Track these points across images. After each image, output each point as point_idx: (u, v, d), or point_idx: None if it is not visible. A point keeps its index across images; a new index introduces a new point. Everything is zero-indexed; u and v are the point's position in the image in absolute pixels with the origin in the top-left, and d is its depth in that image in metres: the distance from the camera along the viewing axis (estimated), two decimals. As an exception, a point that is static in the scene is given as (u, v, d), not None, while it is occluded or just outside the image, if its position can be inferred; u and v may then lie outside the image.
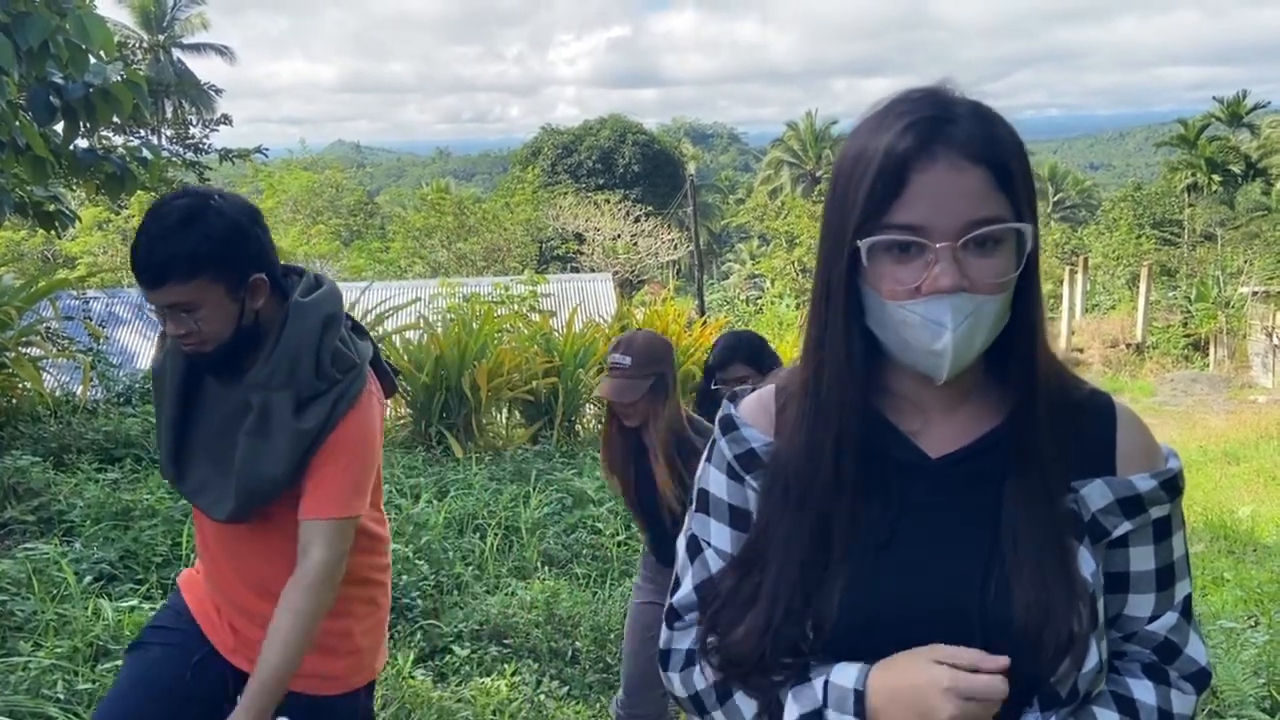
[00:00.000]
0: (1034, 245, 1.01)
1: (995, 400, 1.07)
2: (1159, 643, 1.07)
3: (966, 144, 0.97)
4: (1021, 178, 0.99)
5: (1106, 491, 1.03)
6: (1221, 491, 10.69)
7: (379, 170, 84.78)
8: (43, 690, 3.04)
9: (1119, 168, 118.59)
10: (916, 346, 0.99)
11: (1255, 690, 3.21)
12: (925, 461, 1.06)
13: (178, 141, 10.75)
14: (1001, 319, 1.00)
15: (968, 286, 0.96)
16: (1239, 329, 24.44)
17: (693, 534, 1.15)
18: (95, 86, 4.45)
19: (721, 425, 1.15)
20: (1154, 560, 1.07)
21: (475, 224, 27.48)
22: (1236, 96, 37.43)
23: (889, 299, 0.98)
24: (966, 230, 0.95)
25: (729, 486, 1.13)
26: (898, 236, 0.96)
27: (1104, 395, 1.10)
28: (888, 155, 0.97)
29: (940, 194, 0.95)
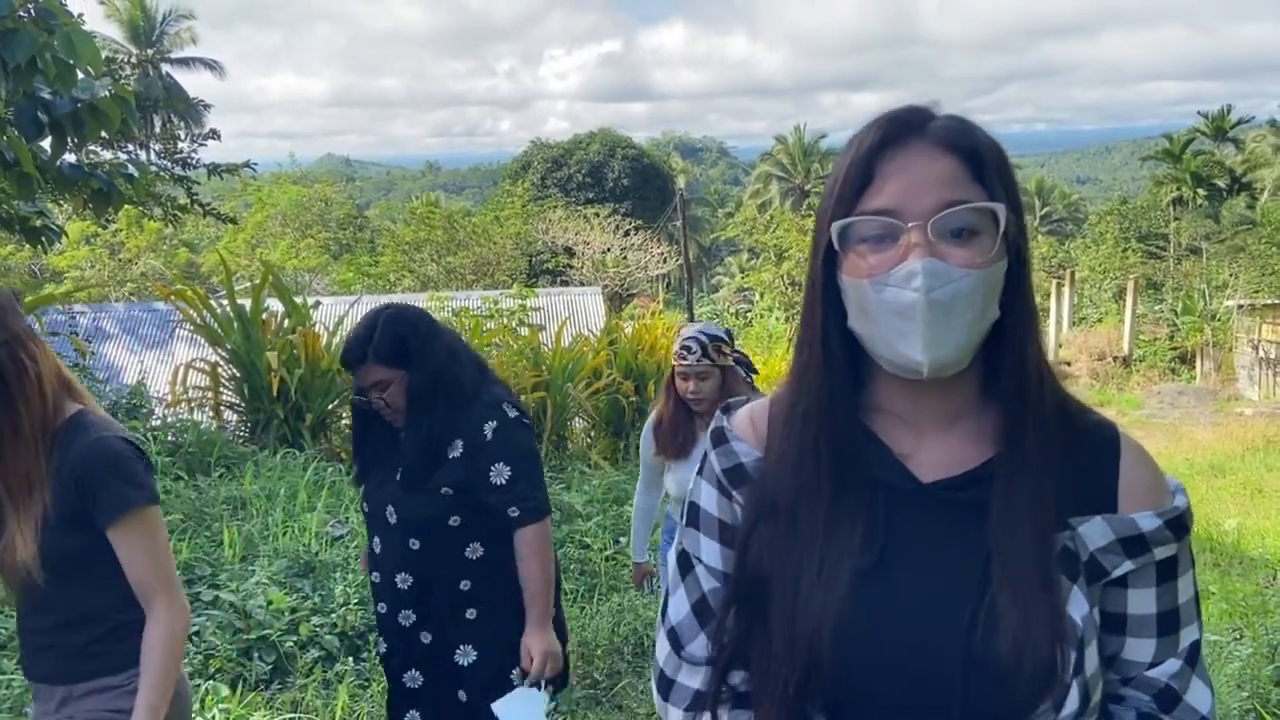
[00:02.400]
0: (1022, 239, 0.97)
1: (992, 425, 1.01)
2: (1159, 689, 1.01)
3: (939, 134, 0.96)
4: (998, 169, 0.97)
5: (1107, 530, 0.97)
6: (1208, 504, 10.73)
7: (368, 184, 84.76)
8: (26, 708, 3.02)
9: (1105, 182, 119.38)
10: (893, 327, 0.94)
11: (1239, 703, 3.22)
12: (916, 486, 1.01)
13: (166, 156, 10.72)
14: (986, 307, 0.95)
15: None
16: (1225, 342, 24.60)
17: (683, 549, 1.13)
18: (83, 102, 4.45)
19: (713, 438, 1.12)
20: (1155, 604, 1.00)
21: (465, 238, 27.47)
22: (1221, 111, 37.82)
23: (863, 278, 0.96)
24: (939, 209, 0.93)
25: (719, 502, 1.10)
26: (870, 218, 0.95)
27: (1110, 427, 1.04)
28: (859, 148, 0.97)
29: (911, 179, 0.94)
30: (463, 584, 2.31)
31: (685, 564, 1.12)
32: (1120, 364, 25.53)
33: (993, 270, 0.95)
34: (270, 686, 3.55)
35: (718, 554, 1.09)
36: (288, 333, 7.42)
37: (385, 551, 2.36)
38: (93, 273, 27.93)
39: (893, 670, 0.95)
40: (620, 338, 10.01)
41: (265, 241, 31.88)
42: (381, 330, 2.25)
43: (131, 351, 17.16)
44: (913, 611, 0.96)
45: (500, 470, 2.25)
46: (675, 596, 1.12)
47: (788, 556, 1.00)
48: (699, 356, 3.15)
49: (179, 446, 6.15)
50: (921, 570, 0.98)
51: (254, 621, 3.74)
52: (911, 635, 0.96)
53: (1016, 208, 0.97)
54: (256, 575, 4.13)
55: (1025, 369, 0.99)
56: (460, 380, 2.30)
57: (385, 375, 2.25)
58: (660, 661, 1.13)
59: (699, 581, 1.10)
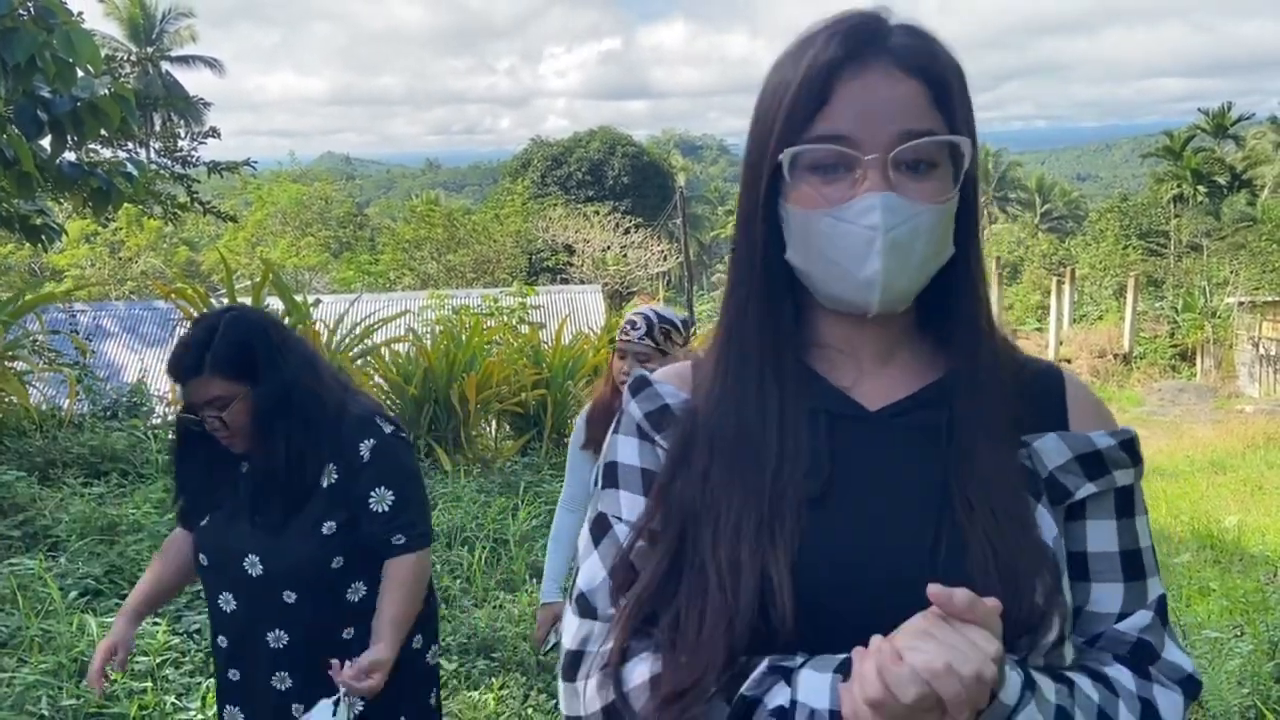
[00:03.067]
0: (972, 167, 0.90)
1: (929, 356, 0.96)
2: (1132, 644, 0.92)
3: (901, 54, 0.87)
4: (959, 95, 0.90)
5: (1062, 446, 0.92)
6: (1208, 501, 10.73)
7: (368, 182, 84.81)
8: (27, 706, 3.03)
9: (1106, 179, 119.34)
10: (844, 261, 0.88)
11: (1240, 700, 3.22)
12: (863, 414, 0.95)
13: (166, 154, 10.73)
14: (942, 244, 0.90)
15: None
16: (1225, 339, 24.61)
17: (599, 513, 0.99)
18: (83, 100, 4.45)
19: (632, 387, 1.03)
20: (1116, 540, 0.93)
21: (465, 236, 27.48)
22: (1221, 108, 37.82)
23: (813, 209, 0.88)
24: (899, 141, 0.85)
25: (640, 449, 0.99)
26: (824, 147, 0.86)
27: (1051, 363, 1.01)
28: (812, 64, 0.87)
29: (871, 103, 0.86)
30: (345, 632, 1.96)
31: (600, 528, 0.99)
32: (1121, 361, 25.55)
33: (950, 205, 0.90)
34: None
35: (640, 507, 0.97)
36: (288, 331, 7.42)
37: (246, 609, 1.95)
38: (93, 271, 27.94)
39: (852, 599, 0.87)
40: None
41: (265, 240, 31.90)
42: (223, 336, 1.88)
43: (132, 350, 17.17)
44: (871, 538, 0.89)
45: (382, 495, 1.92)
46: (588, 563, 0.98)
47: (728, 492, 0.91)
48: (641, 334, 2.77)
49: (179, 445, 6.15)
50: (876, 497, 0.91)
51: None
52: (871, 562, 0.88)
53: (971, 128, 0.91)
54: (257, 573, 4.14)
55: (976, 291, 0.95)
56: (320, 395, 1.94)
57: (225, 390, 1.87)
58: (568, 640, 0.97)
59: (617, 540, 0.96)
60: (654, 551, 0.93)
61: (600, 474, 1.02)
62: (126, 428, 6.25)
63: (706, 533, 0.90)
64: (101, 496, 5.06)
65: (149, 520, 4.59)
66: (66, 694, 3.13)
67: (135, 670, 3.30)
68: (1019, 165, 63.98)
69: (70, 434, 6.01)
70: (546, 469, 7.07)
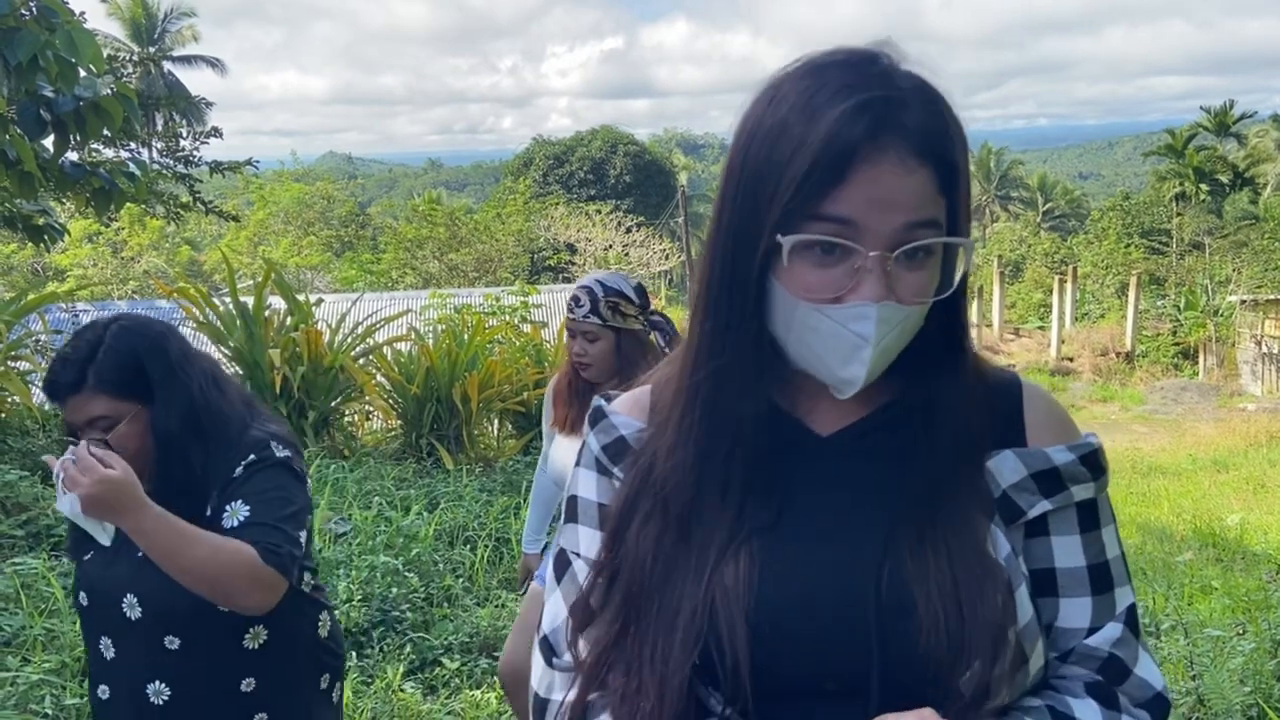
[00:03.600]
0: (967, 265, 0.89)
1: (885, 381, 0.93)
2: (1103, 660, 0.91)
3: (916, 136, 0.84)
4: (964, 175, 0.88)
5: (1017, 464, 0.91)
6: (1211, 499, 10.74)
7: (370, 182, 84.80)
8: (31, 705, 3.03)
9: (1108, 177, 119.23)
10: (827, 358, 0.87)
11: (1242, 699, 3.22)
12: (815, 439, 0.94)
13: (168, 154, 10.74)
14: (917, 327, 0.89)
15: (893, 299, 0.84)
16: (1228, 337, 24.60)
17: (560, 549, 1.00)
18: (85, 100, 4.46)
19: (590, 419, 1.02)
20: (1083, 555, 0.92)
21: (467, 235, 27.49)
22: (1224, 106, 37.79)
23: (804, 299, 0.86)
24: (902, 238, 0.83)
25: (598, 484, 0.99)
26: (828, 237, 0.83)
27: (1010, 373, 0.99)
28: (832, 140, 0.82)
29: (882, 194, 0.83)
30: (244, 684, 1.74)
31: (561, 564, 0.99)
32: (1123, 360, 25.54)
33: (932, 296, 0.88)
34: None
35: (597, 543, 0.96)
36: (290, 330, 7.43)
37: (123, 656, 1.71)
38: (95, 271, 27.98)
39: (801, 624, 0.87)
40: (622, 334, 10.02)
41: (267, 239, 31.93)
42: (108, 349, 1.66)
43: (134, 349, 17.16)
44: (820, 562, 0.89)
45: (235, 510, 1.65)
46: (551, 601, 1.00)
47: (673, 567, 0.90)
48: (586, 312, 2.54)
49: (182, 444, 6.16)
50: (826, 521, 0.90)
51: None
52: (819, 586, 0.88)
53: (968, 211, 0.89)
54: (260, 572, 4.15)
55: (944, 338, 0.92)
56: (226, 415, 1.74)
57: (110, 410, 1.65)
58: (534, 683, 0.99)
59: (575, 579, 0.97)
60: (610, 597, 0.93)
61: (564, 506, 1.02)
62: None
63: (654, 600, 0.90)
64: (104, 496, 5.07)
65: (152, 519, 4.60)
66: (70, 693, 3.13)
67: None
68: (1021, 163, 63.93)
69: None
70: (549, 468, 7.07)
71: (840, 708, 0.87)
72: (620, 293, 2.58)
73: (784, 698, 0.89)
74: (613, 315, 2.55)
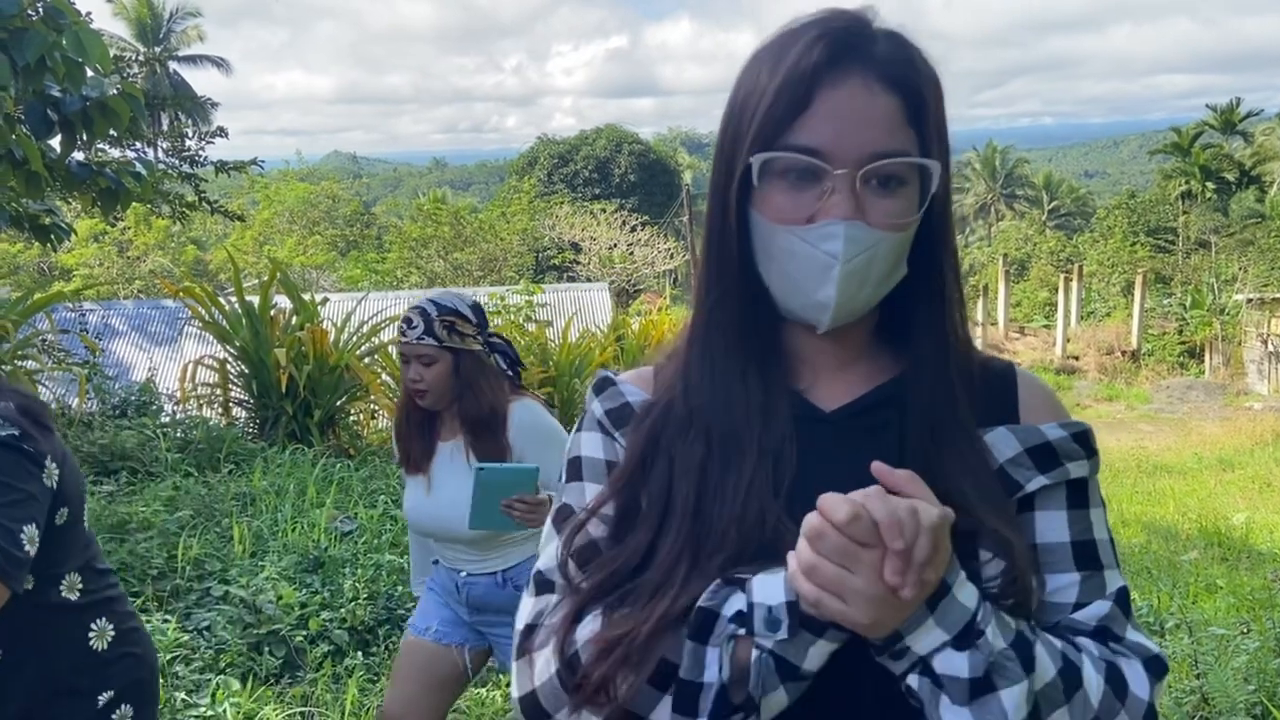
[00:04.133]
0: (944, 189, 0.91)
1: (886, 359, 0.98)
2: (1091, 630, 0.90)
3: (882, 64, 0.87)
4: (934, 113, 0.90)
5: (1012, 439, 0.93)
6: (1216, 498, 10.72)
7: (375, 181, 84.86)
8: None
9: (1113, 175, 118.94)
10: (801, 282, 0.89)
11: (1246, 697, 3.22)
12: (819, 414, 0.96)
13: (174, 154, 10.76)
14: (896, 267, 0.91)
15: (863, 220, 0.86)
16: (1234, 336, 24.53)
17: (562, 505, 1.00)
18: (92, 100, 4.48)
19: (596, 387, 1.04)
20: (1068, 531, 0.92)
21: (471, 234, 27.52)
22: (1230, 104, 37.66)
23: (777, 224, 0.89)
24: (869, 160, 0.86)
25: (604, 444, 1.00)
26: (795, 157, 0.86)
27: (1004, 360, 1.02)
28: (794, 68, 0.86)
29: (847, 117, 0.85)
30: (100, 697, 1.63)
31: (563, 516, 0.99)
32: (1128, 358, 25.49)
33: (910, 228, 0.90)
34: (280, 680, 3.58)
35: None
36: (296, 329, 7.45)
37: None
38: (101, 270, 28.04)
39: None
40: (627, 333, 10.04)
41: (272, 238, 31.98)
42: None
43: (140, 349, 17.22)
44: None
45: None
46: (548, 550, 0.98)
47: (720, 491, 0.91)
48: (420, 334, 2.36)
49: (189, 443, 6.18)
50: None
51: (264, 616, 3.76)
52: None
53: (946, 154, 0.91)
54: (266, 570, 4.16)
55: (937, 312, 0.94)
56: None
57: None
58: (520, 620, 0.96)
59: (586, 530, 0.96)
60: (631, 532, 0.93)
61: (564, 470, 1.03)
62: (136, 426, 6.29)
63: (703, 526, 0.89)
64: (112, 494, 5.10)
65: (159, 518, 4.62)
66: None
67: (146, 667, 3.32)
68: (1026, 162, 63.75)
69: (80, 432, 6.05)
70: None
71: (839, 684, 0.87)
72: (456, 311, 2.40)
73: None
74: (449, 335, 2.37)
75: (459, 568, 2.48)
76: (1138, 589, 5.28)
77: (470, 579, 2.46)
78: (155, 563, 4.19)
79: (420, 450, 2.45)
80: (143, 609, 3.83)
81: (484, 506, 2.24)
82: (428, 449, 2.45)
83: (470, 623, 2.52)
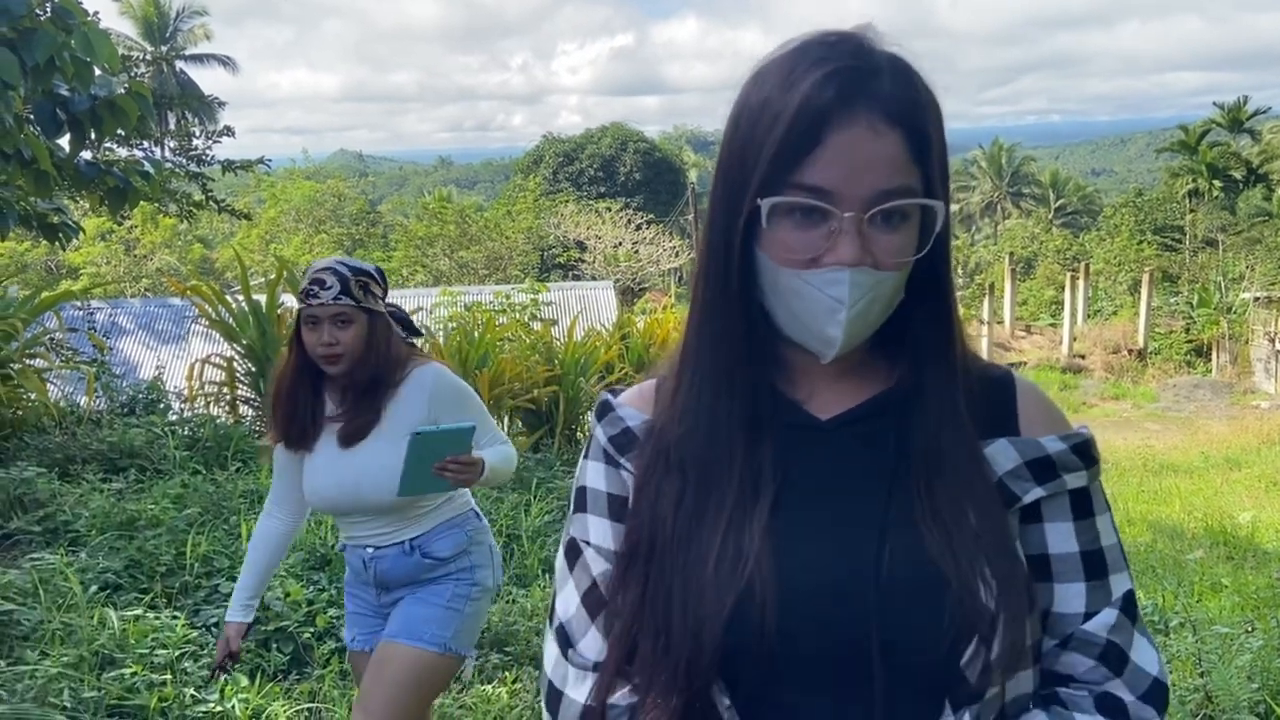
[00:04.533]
0: (944, 227, 0.93)
1: (883, 371, 0.99)
2: (1102, 648, 0.93)
3: (888, 103, 0.88)
4: (937, 147, 0.91)
5: (1011, 451, 0.95)
6: (1222, 497, 10.70)
7: (381, 179, 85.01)
8: (49, 698, 3.07)
9: (1120, 174, 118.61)
10: (808, 321, 0.91)
11: (1249, 695, 3.22)
12: (815, 424, 0.98)
13: (181, 153, 10.81)
14: (896, 296, 0.93)
15: (869, 262, 0.88)
16: (1241, 334, 24.44)
17: (570, 538, 1.03)
18: (100, 99, 4.51)
19: (597, 412, 1.06)
20: (1076, 541, 0.95)
21: (477, 232, 27.55)
22: (1237, 102, 37.52)
23: (783, 265, 0.90)
24: (876, 201, 0.87)
25: (606, 475, 1.02)
26: (803, 200, 0.87)
27: (1002, 368, 1.03)
28: (804, 107, 0.87)
29: (855, 158, 0.87)
30: None
31: (573, 553, 1.02)
32: (1135, 357, 25.41)
33: (910, 261, 0.92)
34: (288, 677, 3.60)
35: (608, 532, 1.00)
36: (302, 328, 7.47)
37: None
38: (108, 269, 28.13)
39: (802, 611, 0.90)
40: (632, 332, 10.04)
41: (279, 237, 32.04)
42: None
43: (148, 347, 17.29)
44: (819, 544, 0.92)
45: None
46: (564, 591, 1.02)
47: (694, 523, 0.94)
48: (336, 293, 2.25)
49: (196, 441, 6.21)
50: (823, 506, 0.94)
51: (272, 613, 3.79)
52: (819, 568, 0.91)
53: (947, 187, 0.93)
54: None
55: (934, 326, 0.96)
56: None
57: None
58: (548, 669, 1.01)
59: (588, 568, 1.00)
60: (625, 582, 0.96)
61: (572, 497, 1.05)
62: (144, 424, 6.32)
63: (676, 561, 0.92)
64: (120, 492, 5.12)
65: (167, 515, 4.64)
66: (88, 686, 3.17)
67: (154, 663, 3.35)
68: (1032, 160, 63.62)
69: (89, 430, 6.08)
70: (559, 465, 7.10)
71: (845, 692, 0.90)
72: (367, 272, 2.32)
73: (792, 677, 0.91)
74: (364, 295, 2.29)
75: (366, 544, 2.42)
76: (1143, 588, 5.29)
77: (378, 553, 2.40)
78: (164, 559, 4.22)
79: (311, 425, 2.35)
80: (151, 605, 3.86)
81: (416, 471, 2.21)
82: (318, 423, 2.36)
83: (382, 610, 2.46)
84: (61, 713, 3.00)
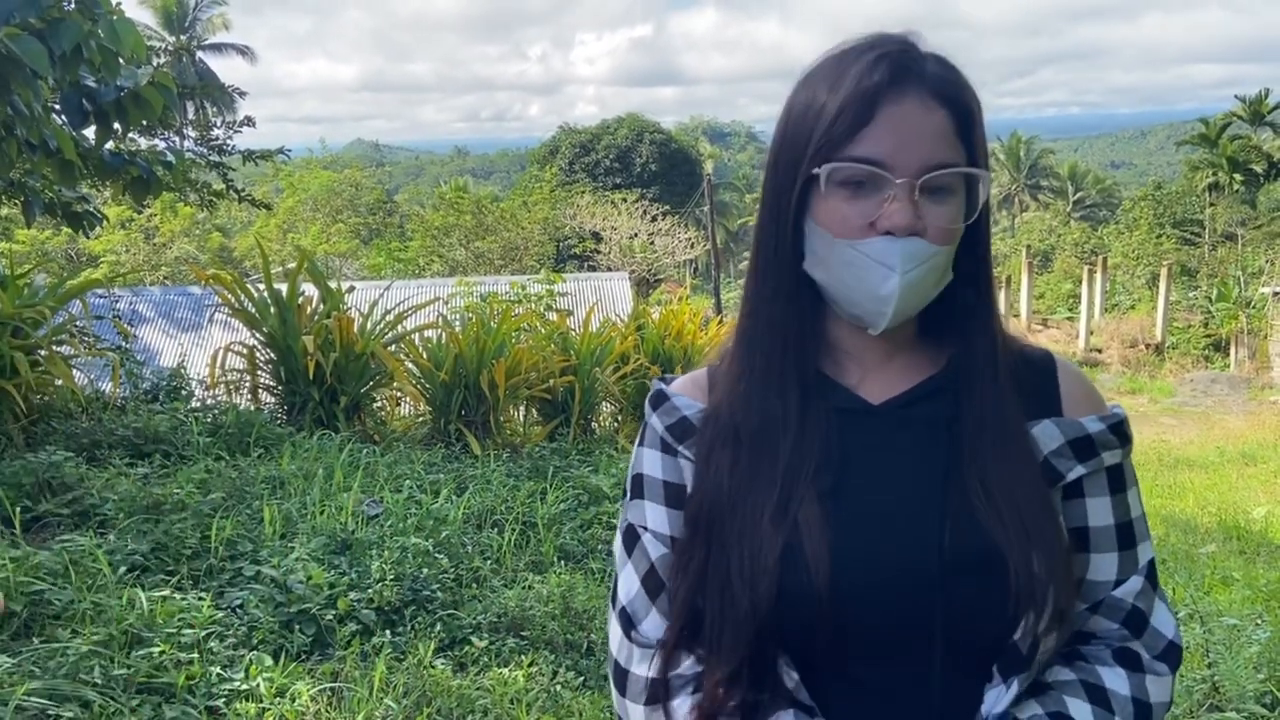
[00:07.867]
0: (985, 205, 0.99)
1: (930, 353, 1.05)
2: (1127, 612, 1.01)
3: (935, 82, 0.95)
4: (979, 128, 0.98)
5: (1056, 432, 1.01)
6: (1237, 492, 10.67)
7: (398, 169, 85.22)
8: (80, 675, 3.16)
9: (1140, 166, 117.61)
10: (861, 290, 0.96)
11: (1256, 685, 3.26)
12: (868, 408, 1.03)
13: (201, 143, 10.90)
14: (946, 273, 0.98)
15: (921, 231, 0.94)
16: (1260, 329, 24.26)
17: (628, 524, 1.08)
18: (126, 90, 4.58)
19: (652, 401, 1.11)
20: (1112, 514, 1.03)
21: (493, 223, 27.60)
22: (1259, 95, 37.08)
23: (838, 236, 0.96)
24: (927, 170, 0.93)
25: (663, 463, 1.07)
26: (860, 166, 0.93)
27: (1043, 349, 1.09)
28: (857, 89, 0.94)
29: (906, 131, 0.93)
30: None
31: (632, 538, 1.07)
32: (1153, 351, 25.28)
33: (958, 237, 0.98)
34: (311, 657, 3.68)
35: (664, 518, 1.06)
36: (323, 317, 7.56)
37: None
38: (128, 257, 28.34)
39: (866, 586, 0.95)
40: (648, 323, 10.09)
41: (296, 226, 32.19)
42: None
43: (168, 335, 17.45)
44: (881, 527, 0.97)
45: None
46: (624, 574, 1.07)
47: (749, 486, 0.99)
48: None
49: (219, 427, 6.31)
50: (884, 486, 0.99)
51: (294, 595, 3.87)
52: (882, 550, 0.96)
53: (987, 166, 1.00)
54: (296, 552, 4.27)
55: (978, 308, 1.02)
56: None
57: None
58: (613, 650, 1.07)
59: (646, 551, 1.05)
60: (689, 551, 1.02)
61: (629, 484, 1.11)
62: (168, 410, 6.41)
63: (734, 528, 0.98)
64: (146, 477, 5.22)
65: (192, 500, 4.73)
66: (117, 664, 3.26)
67: (182, 643, 3.43)
68: (1051, 152, 63.18)
69: (114, 416, 6.18)
70: (574, 454, 7.17)
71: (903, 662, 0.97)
72: None
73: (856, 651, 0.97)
74: None
75: None
76: (1154, 580, 5.28)
77: None
78: (189, 543, 4.31)
79: None
80: (178, 586, 3.95)
81: None
82: None
83: None
84: (92, 689, 3.08)
